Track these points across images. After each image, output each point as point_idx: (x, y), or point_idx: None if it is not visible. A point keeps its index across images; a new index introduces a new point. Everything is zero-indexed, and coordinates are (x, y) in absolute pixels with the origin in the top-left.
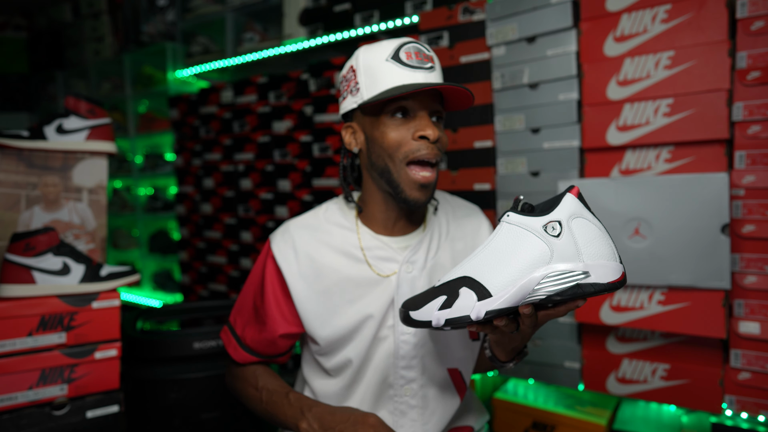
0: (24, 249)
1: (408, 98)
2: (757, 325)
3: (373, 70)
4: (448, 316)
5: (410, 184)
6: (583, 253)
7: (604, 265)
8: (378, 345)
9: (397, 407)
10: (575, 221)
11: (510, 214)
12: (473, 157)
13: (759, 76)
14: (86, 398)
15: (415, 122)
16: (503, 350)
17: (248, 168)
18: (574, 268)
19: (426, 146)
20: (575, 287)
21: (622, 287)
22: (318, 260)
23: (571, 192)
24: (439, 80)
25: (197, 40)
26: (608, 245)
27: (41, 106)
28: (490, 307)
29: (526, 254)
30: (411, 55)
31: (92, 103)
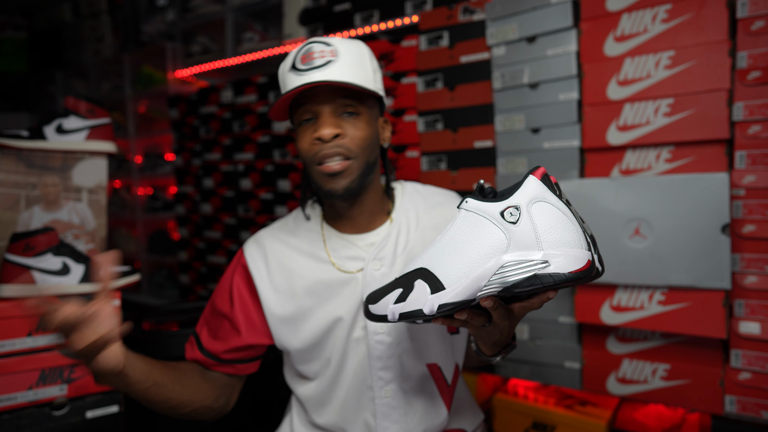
0: (24, 249)
1: (304, 103)
2: (757, 325)
3: (282, 83)
4: (402, 310)
5: (321, 178)
6: (543, 240)
7: (565, 254)
8: (352, 347)
9: (378, 409)
10: (536, 206)
11: (468, 200)
12: (473, 157)
13: (759, 76)
14: (86, 398)
15: (316, 124)
16: (485, 344)
17: (248, 168)
18: (532, 257)
19: (323, 147)
20: (532, 278)
21: (591, 278)
22: (288, 266)
23: (535, 173)
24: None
25: (197, 40)
26: (573, 231)
27: (41, 106)
28: (442, 300)
29: (482, 243)
30: (305, 57)
31: (92, 102)
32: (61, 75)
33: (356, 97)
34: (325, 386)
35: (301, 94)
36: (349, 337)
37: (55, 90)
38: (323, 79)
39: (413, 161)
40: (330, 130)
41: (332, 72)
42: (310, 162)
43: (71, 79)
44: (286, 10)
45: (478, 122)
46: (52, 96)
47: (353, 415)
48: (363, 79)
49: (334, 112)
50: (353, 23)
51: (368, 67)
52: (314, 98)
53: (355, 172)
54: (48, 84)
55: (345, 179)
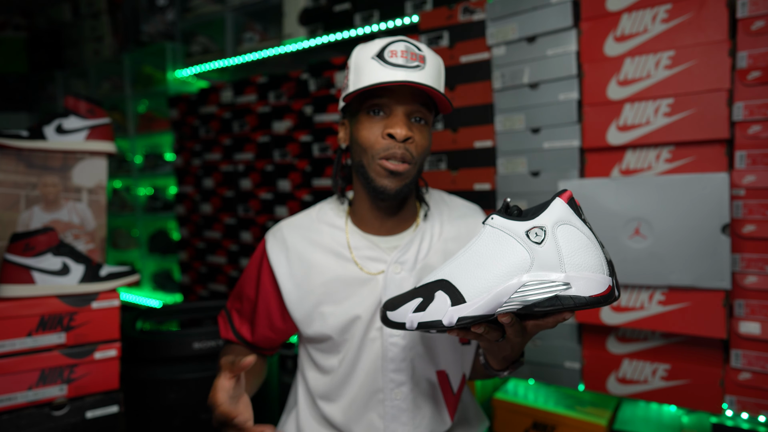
0: (24, 249)
1: (383, 96)
2: (757, 325)
3: (360, 67)
4: (421, 319)
5: (379, 173)
6: (566, 263)
7: (587, 278)
8: (366, 347)
9: (387, 411)
10: (561, 228)
11: (494, 217)
12: (473, 157)
13: (759, 76)
14: (86, 398)
15: (389, 120)
16: (494, 358)
17: (248, 168)
18: (553, 278)
19: (394, 145)
20: (553, 299)
21: (610, 303)
22: (308, 260)
23: (562, 196)
24: (425, 80)
25: (197, 40)
26: (596, 256)
27: (41, 106)
28: (462, 314)
29: (506, 260)
30: (396, 53)
31: (92, 103)
32: (61, 75)
33: (427, 105)
34: (337, 382)
35: (382, 88)
36: (365, 337)
37: (55, 90)
38: (421, 81)
39: None
40: (405, 132)
41: (422, 76)
42: (373, 154)
43: (71, 79)
44: (286, 10)
45: (478, 122)
46: (52, 96)
47: (360, 415)
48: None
49: (409, 114)
50: (353, 23)
51: (442, 80)
52: (395, 95)
53: (410, 176)
54: (48, 84)
55: (401, 182)
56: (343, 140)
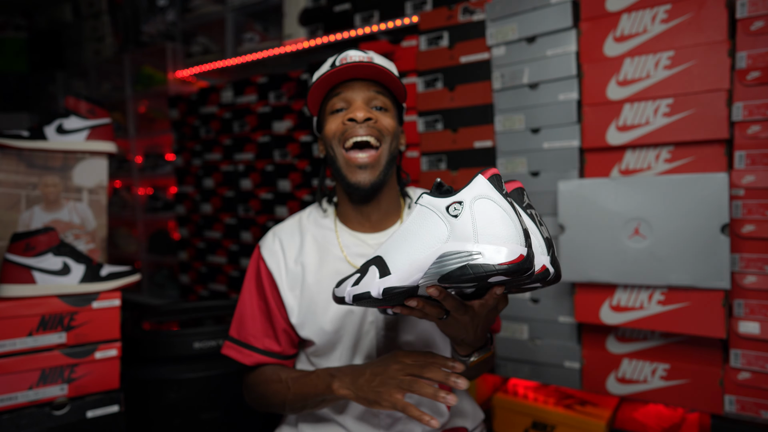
0: (24, 249)
1: (340, 93)
2: (756, 325)
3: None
4: (355, 292)
5: (349, 168)
6: (480, 234)
7: (498, 247)
8: (362, 340)
9: None
10: (479, 202)
11: (424, 196)
12: (473, 157)
13: (759, 76)
14: (86, 398)
15: (348, 110)
16: (457, 343)
17: (248, 168)
18: (467, 249)
19: (354, 125)
20: (464, 267)
21: (528, 274)
22: (302, 262)
23: (485, 173)
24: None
25: (197, 40)
26: (511, 227)
27: (41, 107)
28: (387, 285)
29: (427, 234)
30: (346, 58)
31: (92, 103)
32: (62, 75)
33: (386, 95)
34: None
35: (336, 86)
36: (359, 330)
37: (55, 90)
38: (363, 60)
39: (413, 161)
40: (364, 113)
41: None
42: (336, 142)
43: (71, 79)
44: (286, 10)
45: (478, 122)
46: (53, 96)
47: (357, 407)
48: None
49: (367, 102)
50: (353, 23)
51: (396, 76)
52: (350, 88)
53: (382, 162)
54: (48, 84)
55: (372, 173)
56: (321, 152)
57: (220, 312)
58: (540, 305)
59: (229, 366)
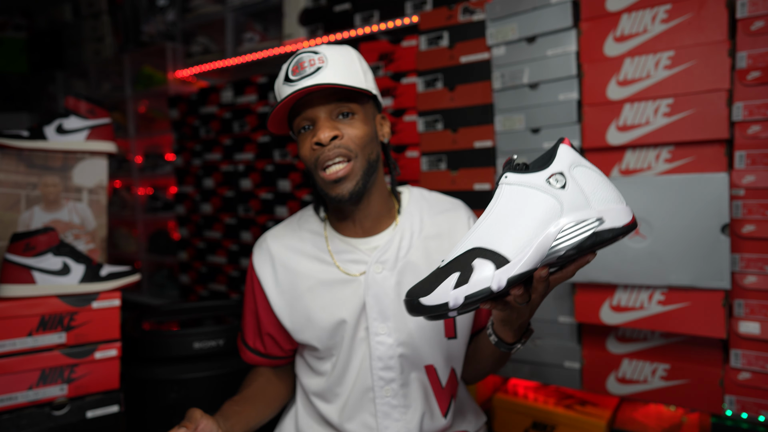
0: (24, 249)
1: (300, 111)
2: (757, 325)
3: (277, 95)
4: (467, 292)
5: (326, 185)
6: (592, 200)
7: (615, 209)
8: (356, 348)
9: (379, 408)
10: (576, 170)
11: (508, 175)
12: (473, 157)
13: (759, 76)
14: (86, 398)
15: (313, 130)
16: (510, 329)
17: (248, 168)
18: (588, 216)
19: (322, 150)
20: (593, 236)
21: (635, 229)
22: (292, 268)
23: (564, 143)
24: (326, 79)
25: (197, 40)
26: (612, 189)
27: (41, 106)
28: (511, 273)
29: (536, 211)
30: (297, 68)
31: (92, 103)
32: (62, 75)
33: (349, 98)
34: (332, 384)
35: (297, 103)
36: (353, 338)
37: (55, 90)
38: (312, 83)
39: (413, 161)
40: (327, 133)
41: (322, 77)
42: (313, 168)
43: (71, 79)
44: (286, 10)
45: (478, 122)
46: (53, 96)
47: (353, 414)
48: (353, 80)
49: (330, 115)
50: (353, 23)
51: (357, 67)
52: (309, 105)
53: (358, 173)
54: (48, 84)
55: (350, 183)
56: None
57: (220, 312)
58: (540, 305)
59: (229, 366)
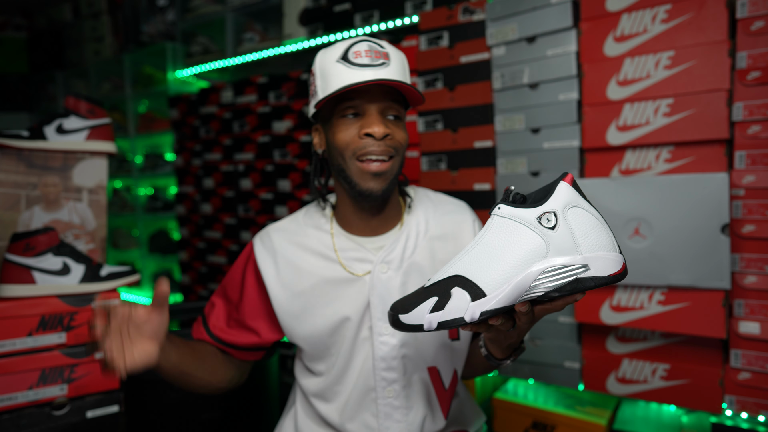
0: (24, 249)
1: (355, 98)
2: (757, 325)
3: (325, 72)
4: (441, 318)
5: (362, 176)
6: (581, 245)
7: (603, 257)
8: (358, 348)
9: (381, 409)
10: (571, 211)
11: (501, 207)
12: (473, 157)
13: (759, 76)
14: (86, 398)
15: (364, 120)
16: (499, 347)
17: (248, 168)
18: (572, 262)
19: (372, 143)
20: (574, 282)
21: (623, 279)
22: (295, 263)
23: (565, 180)
24: (393, 76)
25: (197, 40)
26: (607, 235)
27: (41, 106)
28: (485, 308)
29: (521, 249)
30: (360, 53)
31: (92, 103)
32: (62, 75)
33: (398, 101)
34: (331, 383)
35: (353, 90)
36: (356, 337)
37: (55, 90)
38: (386, 77)
39: (413, 161)
40: (383, 129)
41: (389, 73)
42: (349, 155)
43: (71, 79)
44: (286, 10)
45: (478, 122)
46: (53, 96)
47: (354, 414)
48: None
49: (382, 112)
50: (353, 23)
51: (408, 75)
52: (366, 95)
53: (393, 173)
54: (48, 84)
55: (385, 181)
56: (318, 146)
57: None
58: None
59: None
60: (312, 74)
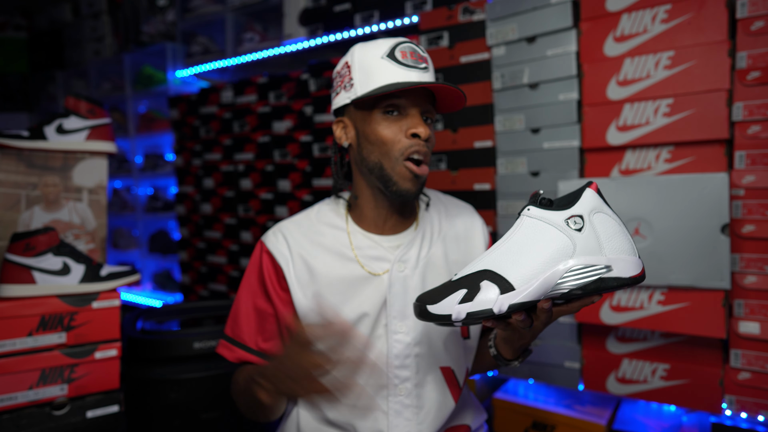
0: (24, 249)
1: (401, 96)
2: (757, 325)
3: (367, 67)
4: (470, 309)
5: (404, 177)
6: (605, 247)
7: (625, 260)
8: (372, 345)
9: (391, 407)
10: (596, 216)
11: (531, 208)
12: (473, 157)
13: (759, 76)
14: (86, 398)
15: (407, 120)
16: (511, 348)
17: (248, 168)
18: (597, 262)
19: (418, 144)
20: (598, 281)
21: (641, 282)
22: (310, 262)
23: (591, 187)
24: (433, 80)
25: (197, 40)
26: (628, 240)
27: (41, 106)
28: (513, 301)
29: (549, 248)
30: (406, 54)
31: (92, 103)
32: (62, 75)
33: (434, 105)
34: None
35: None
36: (372, 335)
37: (55, 90)
38: (433, 80)
39: None
40: (428, 131)
41: (432, 77)
42: (396, 155)
43: (71, 79)
44: (286, 10)
45: (478, 122)
46: (53, 96)
47: (365, 413)
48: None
49: (422, 114)
50: (353, 23)
51: None
52: (412, 96)
53: (425, 176)
54: (48, 84)
55: (420, 183)
56: (344, 139)
57: (220, 312)
58: None
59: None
60: (347, 66)
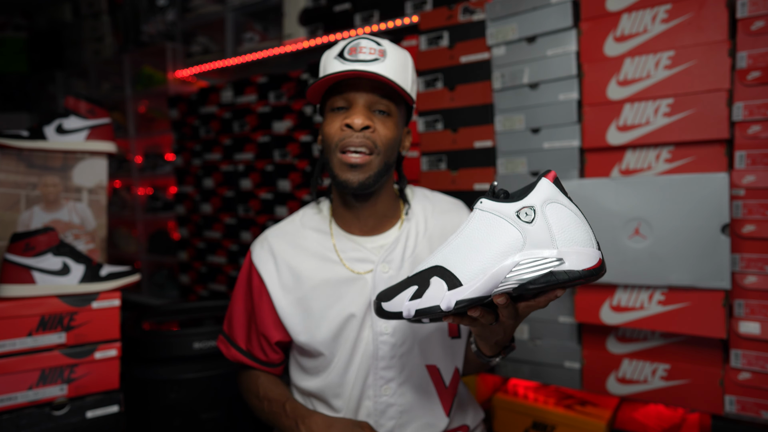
0: (24, 249)
1: (344, 91)
2: (757, 325)
3: (322, 69)
4: (419, 306)
5: (341, 167)
6: (557, 239)
7: (578, 252)
8: (358, 346)
9: (376, 407)
10: (549, 206)
11: (483, 201)
12: (473, 157)
13: (759, 76)
14: (86, 398)
15: (348, 112)
16: (486, 344)
17: (248, 168)
18: (546, 255)
19: (351, 134)
20: (548, 275)
21: (600, 276)
22: (296, 267)
23: (547, 177)
24: (382, 71)
25: (197, 40)
26: (585, 231)
27: (41, 106)
28: (460, 297)
29: (499, 241)
30: (356, 49)
31: (92, 103)
32: (62, 75)
33: (391, 98)
34: (331, 381)
35: (341, 83)
36: (358, 336)
37: (55, 90)
38: (369, 70)
39: (413, 161)
40: (362, 120)
41: (381, 68)
42: (333, 147)
43: (71, 79)
44: (286, 10)
45: (478, 122)
46: (52, 96)
47: (353, 413)
48: (403, 83)
49: (369, 106)
50: (353, 23)
51: (409, 75)
52: (353, 88)
53: (374, 169)
54: (48, 84)
55: (362, 174)
56: (319, 143)
57: (220, 312)
58: None
59: (229, 366)
60: None
